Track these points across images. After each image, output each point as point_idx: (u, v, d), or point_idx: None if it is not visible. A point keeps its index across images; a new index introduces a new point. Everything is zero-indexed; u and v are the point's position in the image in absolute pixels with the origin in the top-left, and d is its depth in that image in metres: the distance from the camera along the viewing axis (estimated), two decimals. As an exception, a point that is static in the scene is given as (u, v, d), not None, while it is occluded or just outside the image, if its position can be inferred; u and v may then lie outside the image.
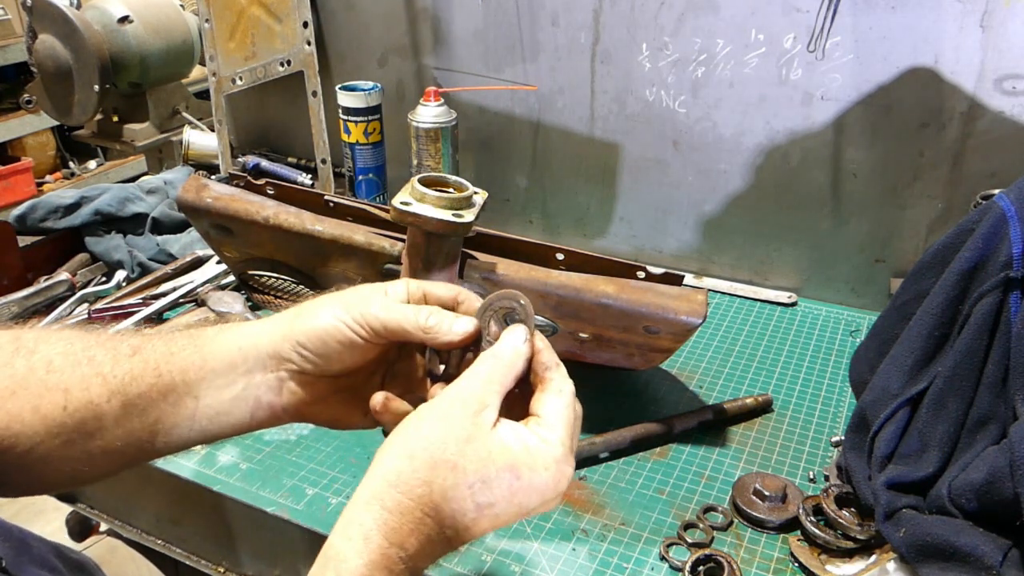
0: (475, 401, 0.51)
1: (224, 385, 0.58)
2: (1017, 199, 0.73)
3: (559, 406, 0.53)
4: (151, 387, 0.56)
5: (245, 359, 0.58)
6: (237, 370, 0.58)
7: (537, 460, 0.51)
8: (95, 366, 0.56)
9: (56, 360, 0.56)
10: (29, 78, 2.29)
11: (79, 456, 0.55)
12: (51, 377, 0.55)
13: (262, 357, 0.58)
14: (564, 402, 0.54)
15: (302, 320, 0.57)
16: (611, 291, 0.89)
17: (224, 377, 0.58)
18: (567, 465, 0.52)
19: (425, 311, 0.56)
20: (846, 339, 1.18)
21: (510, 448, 0.50)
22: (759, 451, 0.94)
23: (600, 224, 1.42)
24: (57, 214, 1.33)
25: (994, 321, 0.72)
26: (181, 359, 0.58)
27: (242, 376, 0.58)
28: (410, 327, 0.56)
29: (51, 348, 0.57)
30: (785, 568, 0.79)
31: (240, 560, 0.96)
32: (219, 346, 0.58)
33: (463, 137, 1.36)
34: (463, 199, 0.82)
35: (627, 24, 1.24)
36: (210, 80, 1.56)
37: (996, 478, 0.65)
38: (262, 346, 0.58)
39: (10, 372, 0.55)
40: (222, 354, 0.58)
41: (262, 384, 0.58)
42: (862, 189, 1.20)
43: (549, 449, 0.51)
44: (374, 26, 1.46)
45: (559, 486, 0.51)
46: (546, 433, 0.52)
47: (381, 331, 0.56)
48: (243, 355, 0.58)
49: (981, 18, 1.03)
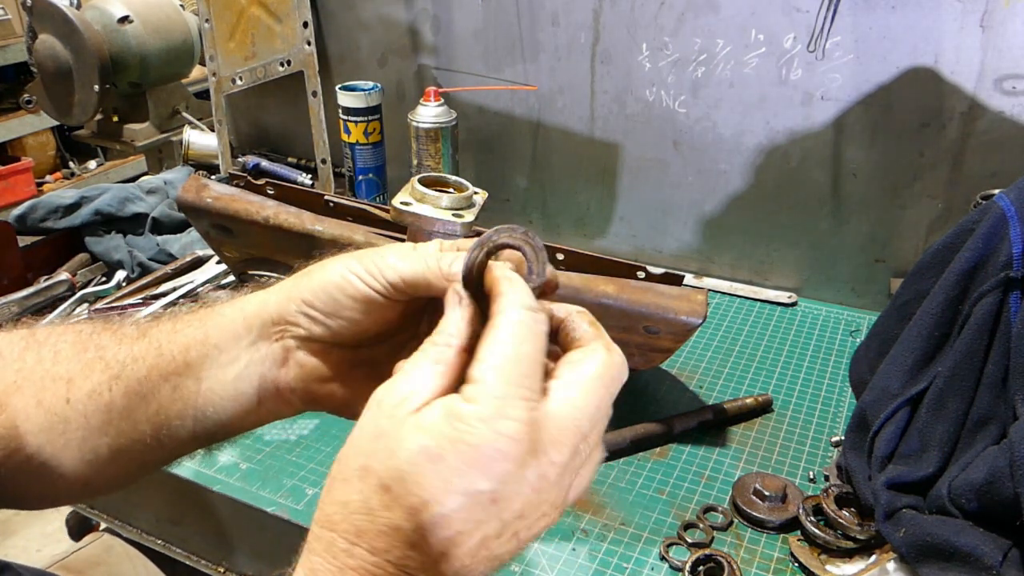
0: (393, 390, 0.40)
1: (227, 362, 0.52)
2: (1017, 199, 0.73)
3: (485, 349, 0.40)
4: (152, 368, 0.51)
5: (249, 328, 0.51)
6: (240, 342, 0.52)
7: (458, 430, 0.37)
8: (99, 351, 0.52)
9: (64, 350, 0.53)
10: (29, 78, 2.29)
11: (88, 458, 0.52)
12: (57, 367, 0.52)
13: (267, 323, 0.51)
14: (495, 339, 0.40)
15: (310, 276, 0.50)
16: (611, 291, 0.89)
17: (227, 352, 0.52)
18: (504, 419, 0.37)
19: (449, 256, 0.46)
20: (846, 339, 1.18)
21: (422, 427, 0.38)
22: (759, 451, 0.94)
23: (600, 224, 1.42)
24: (57, 214, 1.33)
25: (994, 321, 0.72)
26: (184, 336, 0.52)
27: (245, 350, 0.52)
28: (432, 277, 0.46)
29: (61, 338, 0.54)
30: (785, 568, 0.79)
31: (240, 560, 0.96)
32: (223, 318, 0.52)
33: (463, 137, 1.36)
34: (463, 199, 0.82)
35: (627, 24, 1.24)
36: (210, 80, 1.56)
37: (996, 478, 0.65)
38: (267, 311, 0.51)
39: (19, 366, 0.52)
40: (225, 325, 0.52)
41: (267, 357, 0.51)
42: (862, 189, 1.20)
43: (471, 410, 0.38)
44: (374, 26, 1.46)
45: (506, 446, 0.37)
46: (467, 391, 0.39)
47: (399, 284, 0.47)
48: (247, 324, 0.51)
49: (981, 18, 1.03)
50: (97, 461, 0.52)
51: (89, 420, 0.52)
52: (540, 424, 0.39)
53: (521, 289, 0.42)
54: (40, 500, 0.55)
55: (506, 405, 0.38)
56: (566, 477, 0.40)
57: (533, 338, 0.41)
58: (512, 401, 0.38)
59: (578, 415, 0.40)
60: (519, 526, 0.39)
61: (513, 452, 0.38)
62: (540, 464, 0.39)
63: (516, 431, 0.38)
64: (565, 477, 0.40)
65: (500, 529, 0.39)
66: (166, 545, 1.02)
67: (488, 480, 0.37)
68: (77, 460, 0.52)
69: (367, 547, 0.38)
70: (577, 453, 0.40)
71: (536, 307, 0.42)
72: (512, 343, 0.40)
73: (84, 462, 0.52)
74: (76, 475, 0.52)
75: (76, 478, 0.52)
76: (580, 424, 0.40)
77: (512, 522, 0.39)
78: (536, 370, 0.40)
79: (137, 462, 0.54)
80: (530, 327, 0.41)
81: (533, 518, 0.40)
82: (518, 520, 0.39)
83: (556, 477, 0.39)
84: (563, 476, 0.40)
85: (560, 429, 0.40)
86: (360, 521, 0.38)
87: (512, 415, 0.38)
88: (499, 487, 0.38)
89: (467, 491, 0.37)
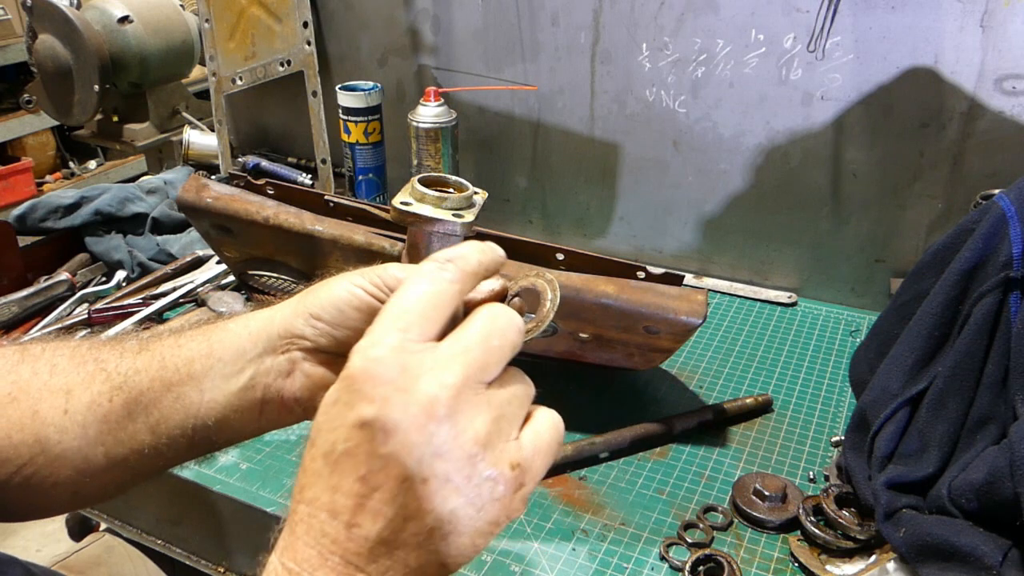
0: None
1: (231, 374, 0.53)
2: (1017, 199, 0.73)
3: (397, 294, 0.42)
4: (154, 379, 0.53)
5: (255, 343, 0.53)
6: (246, 356, 0.53)
7: (351, 370, 0.39)
8: (100, 364, 0.54)
9: (61, 363, 0.54)
10: (29, 78, 2.29)
11: (81, 467, 0.53)
12: (54, 380, 0.53)
13: (273, 338, 0.53)
14: (403, 287, 0.42)
15: (315, 294, 0.52)
16: (611, 291, 0.89)
17: (231, 365, 0.53)
18: (376, 348, 0.39)
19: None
20: (846, 339, 1.18)
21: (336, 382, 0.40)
22: (759, 451, 0.94)
23: (600, 224, 1.42)
24: (57, 214, 1.33)
25: (994, 321, 0.72)
26: (188, 349, 0.54)
27: (251, 363, 0.53)
28: None
29: (57, 352, 0.55)
30: (785, 568, 0.79)
31: (240, 560, 0.96)
32: (229, 333, 0.54)
33: (463, 137, 1.36)
34: (463, 199, 0.82)
35: (627, 24, 1.24)
36: (210, 80, 1.56)
37: (996, 478, 0.65)
38: (274, 326, 0.53)
39: (14, 378, 0.53)
40: (231, 340, 0.54)
41: (272, 369, 0.53)
42: (862, 189, 1.20)
43: (360, 343, 0.39)
44: (374, 26, 1.46)
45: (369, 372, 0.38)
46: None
47: None
48: (253, 339, 0.53)
49: (981, 18, 1.03)
50: (89, 470, 0.53)
51: (86, 430, 0.52)
52: (417, 353, 0.39)
53: (444, 251, 0.44)
54: (27, 512, 0.55)
55: (381, 335, 0.39)
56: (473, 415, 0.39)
57: (429, 283, 0.42)
58: (387, 333, 0.39)
59: (465, 343, 0.40)
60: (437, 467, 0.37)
61: (384, 375, 0.38)
62: (423, 389, 0.38)
63: (383, 355, 0.38)
64: (470, 414, 0.39)
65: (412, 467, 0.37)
66: (166, 545, 1.02)
67: (369, 405, 0.37)
68: (69, 470, 0.53)
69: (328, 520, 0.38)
70: (470, 380, 0.39)
71: (444, 260, 0.43)
72: (409, 287, 0.42)
73: (76, 471, 0.53)
74: (66, 485, 0.53)
75: (66, 487, 0.53)
76: (468, 352, 0.40)
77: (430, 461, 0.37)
78: (428, 312, 0.41)
79: (131, 472, 0.54)
80: (431, 275, 0.42)
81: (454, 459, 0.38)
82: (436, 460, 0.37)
83: (449, 402, 0.38)
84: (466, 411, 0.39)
85: (444, 357, 0.39)
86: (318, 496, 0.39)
87: (385, 342, 0.39)
88: (380, 412, 0.37)
89: (356, 422, 0.38)
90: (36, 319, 1.19)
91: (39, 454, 0.52)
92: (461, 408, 0.39)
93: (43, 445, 0.52)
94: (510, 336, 0.42)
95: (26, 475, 0.52)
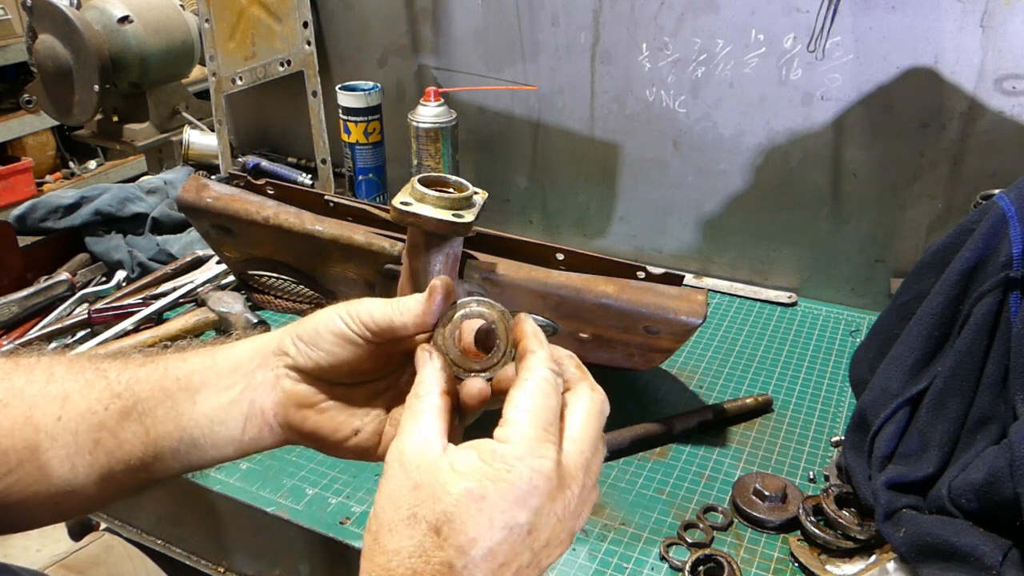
0: (409, 443, 0.46)
1: (225, 387, 0.56)
2: (1017, 199, 0.73)
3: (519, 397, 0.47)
4: (154, 387, 0.55)
5: (252, 358, 0.57)
6: (241, 370, 0.57)
7: (497, 469, 0.44)
8: (101, 372, 0.55)
9: (59, 371, 0.55)
10: (29, 78, 2.29)
11: (67, 477, 0.53)
12: (51, 387, 0.54)
13: (268, 355, 0.57)
14: (526, 390, 0.47)
15: (306, 318, 0.57)
16: (611, 291, 0.89)
17: (228, 379, 0.56)
18: (538, 457, 0.45)
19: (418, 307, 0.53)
20: (846, 339, 1.18)
21: (460, 471, 0.44)
22: (759, 451, 0.94)
23: (600, 224, 1.42)
24: (57, 214, 1.33)
25: (994, 321, 0.72)
26: (192, 362, 0.57)
27: (244, 377, 0.57)
28: (398, 323, 0.53)
29: (54, 361, 0.56)
30: (785, 568, 0.79)
31: (240, 560, 0.96)
32: (234, 349, 0.58)
33: (463, 137, 1.36)
34: (463, 199, 0.82)
35: (627, 24, 1.24)
36: (210, 80, 1.56)
37: (996, 478, 0.65)
38: (271, 344, 0.57)
39: (7, 385, 0.54)
40: (234, 356, 0.57)
41: (261, 384, 0.57)
42: (862, 189, 1.20)
43: (507, 449, 0.45)
44: (374, 26, 1.46)
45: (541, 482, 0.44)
46: (501, 433, 0.46)
47: (371, 325, 0.53)
48: (251, 355, 0.57)
49: (981, 18, 1.03)
50: (74, 481, 0.54)
51: (77, 438, 0.53)
52: (562, 462, 0.46)
53: (547, 348, 0.50)
54: (5, 525, 0.54)
55: (539, 446, 0.45)
56: (580, 507, 0.47)
57: (555, 392, 0.48)
58: (544, 443, 0.46)
59: (584, 449, 0.48)
60: (543, 554, 0.46)
61: (546, 487, 0.45)
62: (564, 496, 0.46)
63: (549, 468, 0.45)
64: (580, 507, 0.47)
65: (531, 558, 0.45)
66: (166, 545, 1.02)
67: (526, 513, 0.44)
68: (54, 479, 0.53)
69: None
70: (584, 485, 0.47)
71: (557, 369, 0.50)
72: (542, 395, 0.47)
73: (61, 481, 0.53)
74: (48, 496, 0.53)
75: (48, 498, 0.53)
76: (585, 457, 0.48)
77: (540, 551, 0.45)
78: (556, 419, 0.48)
79: (115, 485, 0.55)
80: (553, 384, 0.48)
81: (554, 546, 0.46)
82: (544, 549, 0.46)
83: (575, 507, 0.47)
84: (579, 506, 0.47)
85: (574, 465, 0.47)
86: (415, 563, 0.43)
87: (546, 454, 0.45)
88: (534, 519, 0.44)
89: (508, 524, 0.44)
90: (36, 319, 1.19)
91: (27, 460, 0.52)
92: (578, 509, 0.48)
93: (32, 452, 0.52)
94: (601, 432, 0.51)
95: (8, 483, 0.52)
